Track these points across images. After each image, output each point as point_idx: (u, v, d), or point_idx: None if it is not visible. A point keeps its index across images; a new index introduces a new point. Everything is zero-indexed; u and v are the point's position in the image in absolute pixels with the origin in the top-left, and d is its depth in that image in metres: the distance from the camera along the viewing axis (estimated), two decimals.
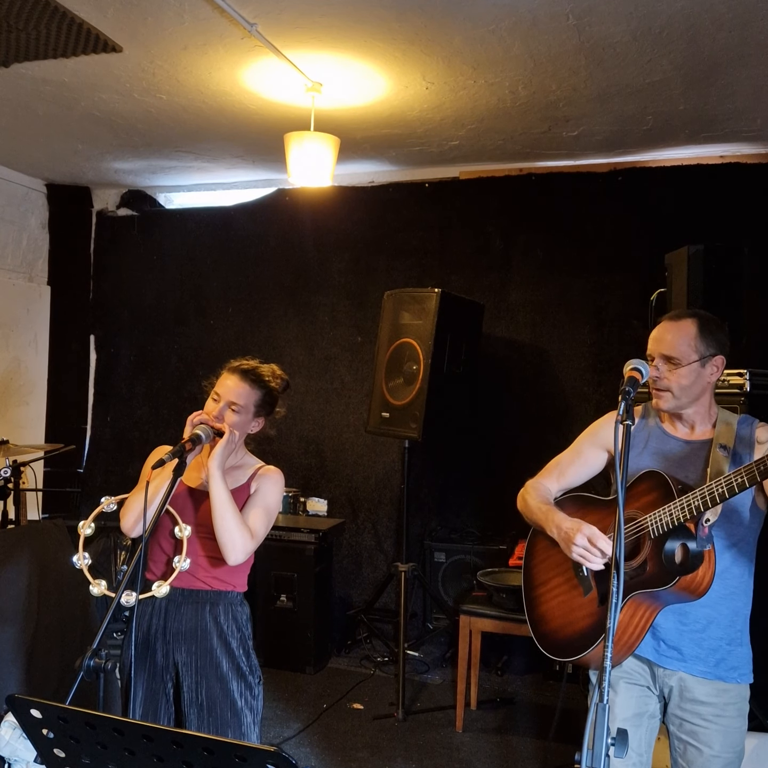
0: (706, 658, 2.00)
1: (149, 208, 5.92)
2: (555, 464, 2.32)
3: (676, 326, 2.06)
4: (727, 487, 1.80)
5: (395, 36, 3.19)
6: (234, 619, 2.32)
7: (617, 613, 1.54)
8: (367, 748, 3.64)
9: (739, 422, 2.07)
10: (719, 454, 1.99)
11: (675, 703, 2.04)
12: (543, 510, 2.18)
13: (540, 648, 2.17)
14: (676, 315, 2.11)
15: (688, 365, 2.01)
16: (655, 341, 2.08)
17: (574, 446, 2.31)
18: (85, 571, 2.14)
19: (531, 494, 2.26)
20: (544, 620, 2.20)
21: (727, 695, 2.00)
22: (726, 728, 1.99)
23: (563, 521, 2.09)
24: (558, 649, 2.13)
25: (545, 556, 2.23)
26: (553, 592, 2.20)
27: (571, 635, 2.10)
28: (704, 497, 1.84)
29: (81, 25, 3.13)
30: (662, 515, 1.92)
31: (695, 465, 2.05)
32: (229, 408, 2.31)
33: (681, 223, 4.43)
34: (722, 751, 1.97)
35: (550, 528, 2.13)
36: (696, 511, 1.85)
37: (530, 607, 2.26)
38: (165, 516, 2.26)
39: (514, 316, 4.95)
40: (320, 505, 5.21)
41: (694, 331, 2.03)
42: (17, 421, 5.54)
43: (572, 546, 2.01)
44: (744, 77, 3.46)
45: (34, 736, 1.30)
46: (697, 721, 1.99)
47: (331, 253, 5.37)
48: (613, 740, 1.39)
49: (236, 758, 1.13)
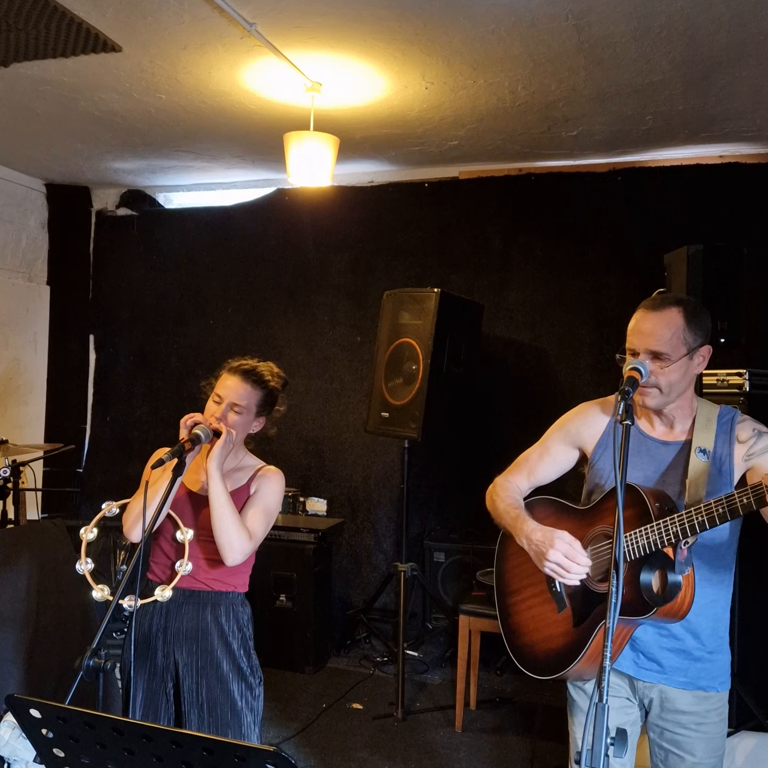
0: (686, 669, 1.93)
1: (149, 207, 5.92)
2: (524, 460, 2.19)
3: (661, 317, 1.87)
4: (708, 517, 1.70)
5: (395, 36, 3.19)
6: (235, 619, 2.32)
7: (616, 613, 1.50)
8: (366, 748, 3.64)
9: (719, 417, 1.94)
10: (698, 459, 1.88)
11: (656, 713, 1.97)
12: (512, 516, 2.04)
13: (515, 662, 2.08)
14: (658, 304, 1.90)
15: (678, 360, 1.85)
16: (639, 335, 1.88)
17: (543, 441, 2.17)
18: (87, 576, 2.13)
19: (500, 495, 2.13)
20: (518, 633, 2.09)
21: (708, 702, 1.93)
22: (707, 734, 1.93)
23: (533, 532, 1.95)
24: (533, 666, 2.03)
25: (517, 562, 2.09)
26: (527, 603, 2.08)
27: (546, 653, 2.00)
28: (683, 524, 1.73)
29: (80, 25, 3.13)
30: (639, 538, 1.79)
31: (674, 470, 1.94)
32: (231, 409, 2.31)
33: (680, 223, 4.44)
34: (704, 757, 1.92)
35: (519, 538, 2.00)
36: (674, 537, 1.74)
37: (503, 615, 2.14)
38: (166, 520, 2.26)
39: (514, 316, 4.95)
40: (320, 505, 5.21)
41: (681, 322, 1.85)
42: (16, 420, 5.54)
43: (545, 561, 1.89)
44: (743, 77, 3.46)
45: (34, 736, 1.30)
46: (679, 730, 1.94)
47: (330, 252, 5.36)
48: (612, 740, 1.38)
49: (236, 758, 1.13)
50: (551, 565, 1.88)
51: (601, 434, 2.07)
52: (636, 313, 1.93)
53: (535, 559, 1.95)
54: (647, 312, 1.90)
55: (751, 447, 1.89)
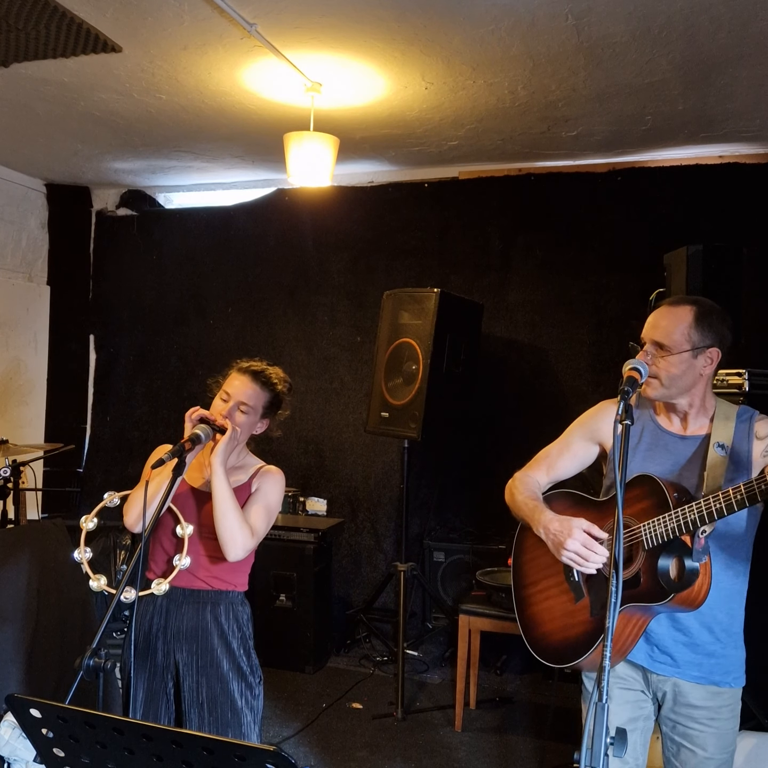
0: (700, 663, 1.95)
1: (149, 207, 5.92)
2: (544, 456, 2.23)
3: (672, 313, 1.96)
4: (725, 504, 1.73)
5: (395, 36, 3.19)
6: (235, 618, 2.32)
7: (616, 613, 1.51)
8: (366, 748, 3.64)
9: (738, 416, 1.98)
10: (716, 454, 1.91)
11: (669, 707, 2.00)
12: (530, 507, 2.09)
13: (532, 652, 2.11)
14: (675, 301, 2.01)
15: (678, 354, 1.91)
16: (649, 326, 1.98)
17: (564, 437, 2.21)
18: (85, 565, 2.14)
19: (518, 488, 2.17)
20: (535, 623, 2.13)
21: (721, 698, 1.96)
22: (719, 730, 1.95)
23: (551, 522, 1.99)
24: (551, 655, 2.07)
25: (535, 555, 2.13)
26: (544, 594, 2.12)
27: (563, 642, 2.03)
28: (701, 512, 1.77)
29: (81, 25, 3.13)
30: (657, 526, 1.84)
31: (691, 464, 1.96)
32: (238, 408, 2.32)
33: (680, 223, 4.44)
34: (716, 752, 1.95)
35: (537, 528, 2.05)
36: (692, 525, 1.79)
37: (520, 607, 2.18)
38: (167, 514, 2.27)
39: (513, 316, 4.95)
40: (320, 505, 5.21)
41: (690, 320, 1.92)
42: (17, 420, 5.54)
43: (562, 550, 1.93)
44: (743, 77, 3.46)
45: (34, 736, 1.30)
46: (691, 725, 1.96)
47: (330, 253, 5.37)
48: (612, 739, 1.39)
49: (236, 758, 1.13)
50: (569, 554, 1.92)
51: None
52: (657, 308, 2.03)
53: (552, 549, 1.99)
54: (664, 308, 2.00)
55: None
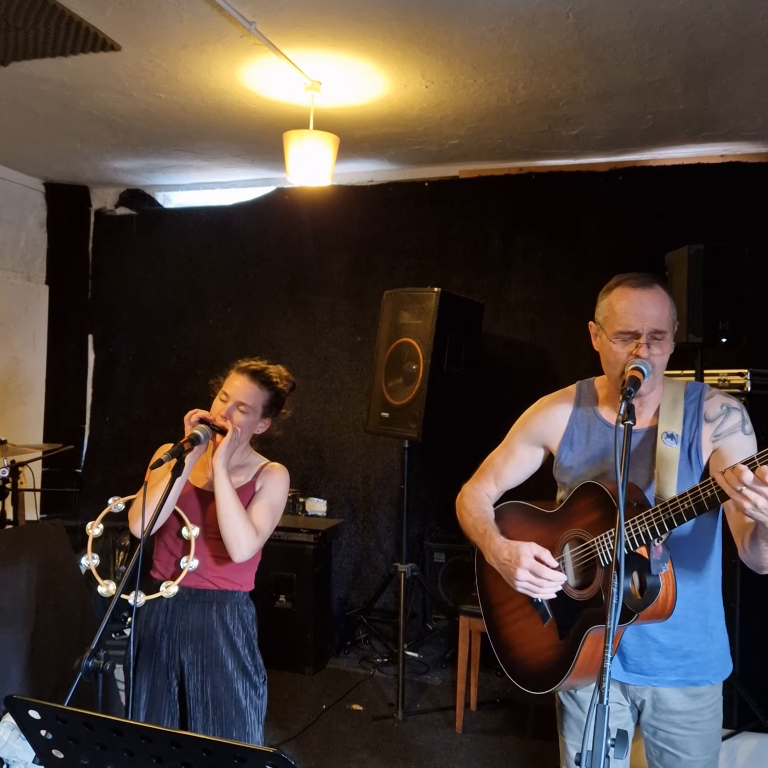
0: (676, 667, 1.85)
1: (148, 207, 5.91)
2: (489, 464, 2.10)
3: (654, 294, 1.77)
4: (674, 515, 1.62)
5: (395, 35, 3.19)
6: (240, 618, 2.33)
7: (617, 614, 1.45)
8: (366, 749, 3.63)
9: (687, 395, 1.83)
10: (666, 446, 1.78)
11: (648, 714, 1.91)
12: (480, 532, 1.97)
13: (510, 678, 2.01)
14: (644, 282, 1.79)
15: (671, 334, 1.79)
16: (636, 317, 1.76)
17: (506, 443, 2.08)
18: (93, 571, 2.14)
19: (467, 507, 2.05)
20: (508, 647, 2.02)
21: (702, 700, 1.87)
22: (702, 732, 1.87)
23: (500, 551, 1.87)
24: (528, 682, 1.98)
25: (497, 573, 1.96)
26: (512, 615, 1.99)
27: (538, 667, 1.94)
28: (651, 524, 1.65)
29: (80, 24, 3.13)
30: (609, 542, 1.73)
31: (643, 460, 1.82)
32: (237, 408, 2.32)
33: (681, 222, 4.43)
34: (700, 755, 1.87)
35: (488, 557, 1.94)
36: (644, 538, 1.66)
37: (492, 629, 2.05)
38: (172, 516, 2.28)
39: (514, 316, 4.95)
40: (319, 506, 5.20)
41: (668, 298, 1.79)
42: (15, 420, 5.53)
43: (514, 581, 1.83)
44: (744, 76, 3.45)
45: (33, 737, 1.30)
46: (673, 729, 1.88)
47: (330, 252, 5.36)
48: (613, 741, 1.37)
49: (235, 759, 1.13)
50: (522, 584, 1.82)
51: (564, 430, 1.97)
52: (617, 292, 1.80)
53: (506, 579, 1.89)
54: (638, 291, 1.77)
55: (719, 426, 1.80)
